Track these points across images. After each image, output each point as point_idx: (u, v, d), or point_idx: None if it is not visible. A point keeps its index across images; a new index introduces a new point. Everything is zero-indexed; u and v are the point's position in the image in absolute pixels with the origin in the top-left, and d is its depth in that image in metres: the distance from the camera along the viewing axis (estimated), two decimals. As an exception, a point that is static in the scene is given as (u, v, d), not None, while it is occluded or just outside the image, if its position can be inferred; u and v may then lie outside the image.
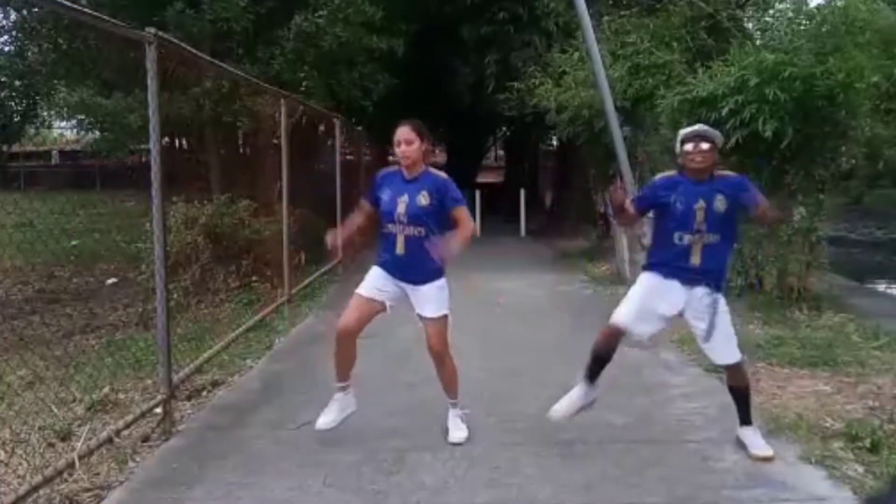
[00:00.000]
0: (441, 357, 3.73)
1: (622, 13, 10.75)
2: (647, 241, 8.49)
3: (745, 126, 6.02)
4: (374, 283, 3.68)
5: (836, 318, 6.05)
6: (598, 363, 3.56)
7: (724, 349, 3.49)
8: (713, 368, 4.94)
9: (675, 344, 5.55)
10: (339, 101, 10.52)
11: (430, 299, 3.66)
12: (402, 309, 3.75)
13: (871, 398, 4.24)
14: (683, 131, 3.55)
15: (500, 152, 34.66)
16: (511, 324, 6.60)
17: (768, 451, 3.46)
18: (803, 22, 7.77)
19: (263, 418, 4.20)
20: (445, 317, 3.69)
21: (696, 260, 3.41)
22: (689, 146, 3.42)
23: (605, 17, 10.65)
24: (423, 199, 3.60)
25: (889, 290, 9.64)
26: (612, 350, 3.53)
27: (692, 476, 3.33)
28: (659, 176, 3.66)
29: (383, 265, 3.70)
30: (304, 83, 9.51)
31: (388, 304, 3.67)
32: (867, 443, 3.52)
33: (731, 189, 3.43)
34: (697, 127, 3.53)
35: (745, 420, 3.60)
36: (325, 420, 3.72)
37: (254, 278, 8.00)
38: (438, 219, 3.63)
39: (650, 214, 3.70)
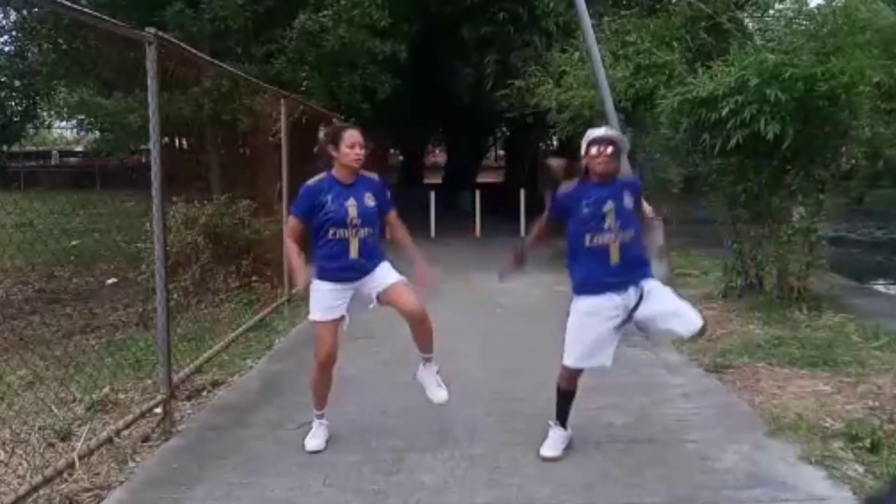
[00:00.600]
0: (423, 314, 3.67)
1: (622, 14, 10.76)
2: (646, 240, 8.53)
3: (745, 126, 6.02)
4: (327, 303, 3.62)
5: (836, 318, 6.04)
6: (566, 401, 3.61)
7: (687, 317, 3.45)
8: (713, 368, 4.96)
9: (675, 344, 5.55)
10: (338, 102, 10.52)
11: (384, 271, 3.68)
12: (397, 313, 3.74)
13: (871, 398, 4.23)
14: (590, 133, 3.55)
15: (500, 152, 34.68)
16: (511, 324, 6.60)
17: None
18: (803, 22, 7.77)
19: (263, 418, 4.20)
20: (405, 280, 3.70)
21: (615, 258, 3.41)
22: (594, 149, 3.44)
23: (606, 18, 10.66)
24: (370, 201, 3.64)
25: (889, 290, 9.64)
26: (575, 388, 3.59)
27: (692, 476, 3.33)
28: (559, 191, 3.63)
29: (331, 276, 3.62)
30: (304, 83, 9.51)
31: (344, 314, 3.66)
32: (867, 443, 3.52)
33: (632, 185, 3.54)
34: (603, 130, 3.58)
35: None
36: (316, 443, 3.71)
37: (254, 278, 8.00)
38: (379, 219, 3.71)
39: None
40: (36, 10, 10.41)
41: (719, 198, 7.07)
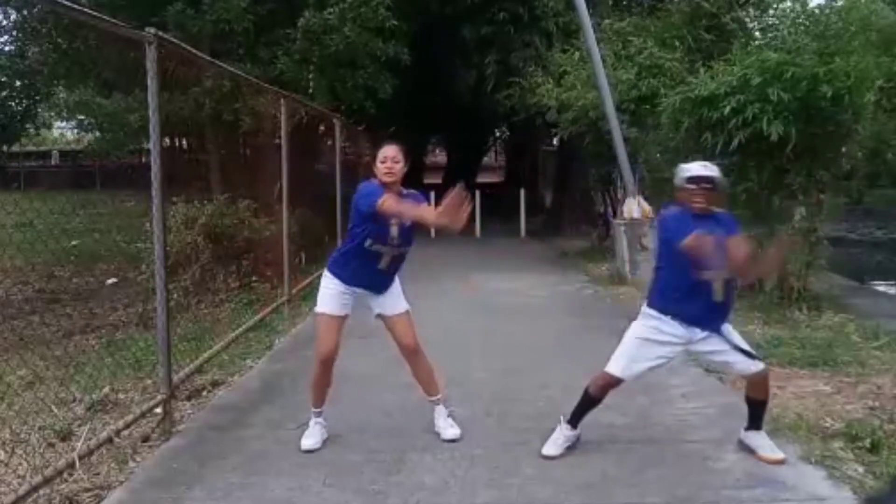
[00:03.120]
0: (417, 353, 3.74)
1: (623, 16, 10.77)
2: (647, 241, 8.54)
3: (747, 126, 6.01)
4: (338, 299, 3.64)
5: (836, 318, 6.04)
6: (590, 406, 3.57)
7: (746, 360, 3.42)
8: (713, 368, 4.95)
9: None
10: (340, 102, 10.53)
11: (392, 296, 3.70)
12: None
13: (871, 398, 4.23)
14: (687, 168, 3.42)
15: (501, 152, 34.69)
16: (511, 324, 6.60)
17: (779, 455, 3.43)
18: (805, 22, 7.77)
19: (263, 418, 4.20)
20: (409, 311, 3.74)
21: (719, 297, 3.31)
22: (693, 186, 3.32)
23: (607, 20, 10.67)
24: (408, 221, 3.57)
25: (889, 290, 9.64)
26: (604, 397, 3.56)
27: (692, 476, 3.33)
28: (669, 213, 3.49)
29: (345, 277, 3.63)
30: (310, 83, 9.52)
31: (349, 314, 3.69)
32: (867, 443, 3.52)
33: (729, 223, 3.38)
34: (701, 167, 3.40)
35: (756, 426, 3.55)
36: (311, 443, 3.70)
37: (254, 278, 8.01)
38: (414, 234, 3.68)
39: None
40: (36, 10, 10.41)
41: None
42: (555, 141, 15.72)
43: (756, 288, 6.75)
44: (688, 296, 3.33)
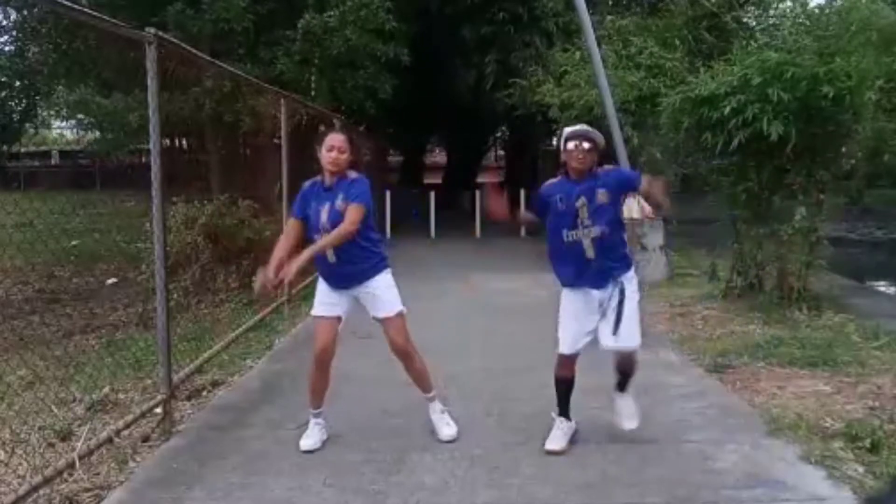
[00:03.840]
0: (407, 353, 3.73)
1: (623, 16, 10.77)
2: (646, 241, 8.54)
3: (747, 126, 6.01)
4: (326, 298, 3.68)
5: (836, 318, 6.04)
6: (565, 388, 3.68)
7: (628, 334, 3.51)
8: (713, 368, 4.96)
9: (675, 344, 5.55)
10: (341, 102, 10.54)
11: (381, 298, 3.66)
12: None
13: (871, 398, 4.23)
14: (567, 130, 3.62)
15: (501, 152, 34.67)
16: (511, 324, 6.60)
17: (634, 422, 3.64)
18: (806, 21, 7.76)
19: (263, 418, 4.20)
20: (402, 313, 3.70)
21: (590, 254, 3.47)
22: (571, 145, 3.48)
23: (609, 17, 10.67)
24: (342, 204, 3.54)
25: (889, 290, 9.64)
26: (572, 375, 3.66)
27: (692, 476, 3.33)
28: (544, 184, 3.69)
29: (322, 276, 3.71)
30: (311, 84, 9.52)
31: (343, 316, 3.67)
32: (867, 443, 3.52)
33: (611, 178, 3.54)
34: (580, 127, 3.63)
35: (623, 388, 3.72)
36: (311, 443, 3.70)
37: (254, 278, 7.99)
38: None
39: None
40: (36, 10, 10.41)
41: (720, 198, 7.06)
42: (555, 141, 15.72)
43: (756, 288, 6.75)
44: (563, 260, 3.55)
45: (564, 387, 3.68)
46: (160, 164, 3.94)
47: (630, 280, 3.56)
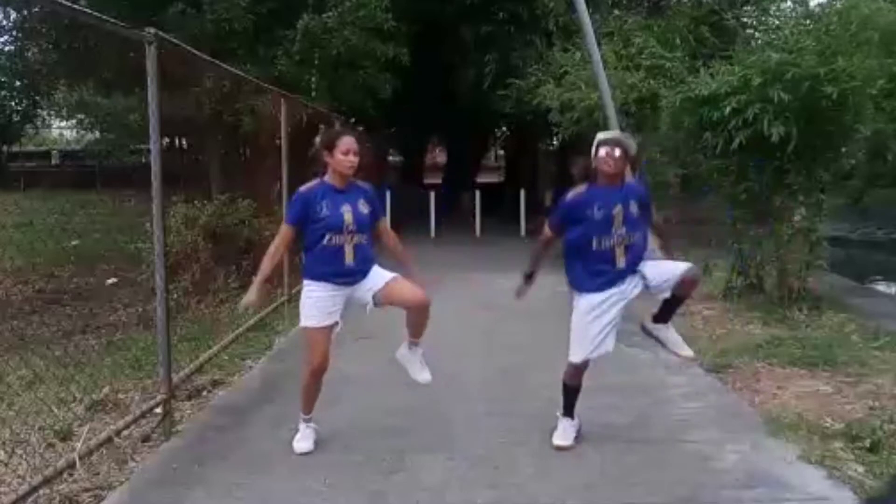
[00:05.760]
0: (427, 302, 3.61)
1: (624, 17, 10.77)
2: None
3: (747, 126, 6.00)
4: (323, 308, 3.56)
5: (836, 318, 6.04)
6: (573, 395, 3.68)
7: (672, 269, 3.51)
8: (713, 368, 4.96)
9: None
10: (341, 103, 10.54)
11: (375, 275, 3.63)
12: (401, 313, 3.73)
13: (871, 398, 4.23)
14: (600, 135, 3.64)
15: (500, 152, 34.66)
16: (511, 324, 6.59)
17: (688, 351, 3.65)
18: (805, 21, 7.76)
19: (264, 418, 4.20)
20: (398, 276, 3.67)
21: (620, 263, 3.48)
22: (603, 151, 3.48)
23: (610, 15, 10.67)
24: (364, 208, 3.61)
25: (889, 290, 9.63)
26: (581, 383, 3.66)
27: (692, 476, 3.33)
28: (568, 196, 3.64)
29: (326, 279, 3.57)
30: (312, 84, 9.53)
31: (339, 321, 3.62)
32: (867, 443, 3.52)
33: (639, 192, 3.60)
34: (612, 133, 3.65)
35: (665, 319, 3.70)
36: (305, 446, 3.69)
37: (254, 278, 7.99)
38: (371, 226, 3.69)
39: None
40: (36, 10, 10.41)
41: (720, 198, 7.06)
42: (555, 141, 15.73)
43: (756, 288, 6.75)
44: (587, 267, 3.53)
45: (574, 393, 3.67)
46: (160, 164, 3.94)
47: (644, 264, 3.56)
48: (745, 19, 11.56)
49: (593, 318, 3.52)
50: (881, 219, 15.60)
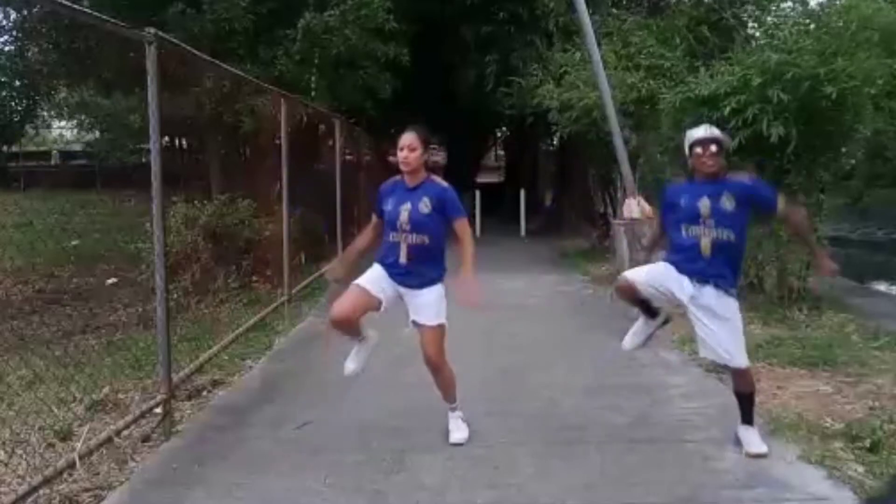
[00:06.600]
0: (438, 365, 3.70)
1: (623, 17, 10.75)
2: (646, 241, 8.52)
3: (747, 126, 6.00)
4: (377, 280, 3.61)
5: (836, 318, 6.04)
6: (628, 299, 3.69)
7: (727, 350, 3.51)
8: (713, 368, 4.95)
9: (675, 344, 5.55)
10: (340, 102, 10.54)
11: (429, 306, 3.63)
12: (401, 311, 3.74)
13: (871, 398, 4.23)
14: (693, 134, 3.58)
15: (500, 152, 34.66)
16: (511, 324, 6.60)
17: (763, 448, 3.49)
18: (805, 21, 7.75)
19: (264, 418, 4.20)
20: (442, 326, 3.67)
21: (706, 253, 3.47)
22: (699, 149, 3.49)
23: (609, 16, 10.66)
24: (425, 207, 3.58)
25: (889, 291, 9.63)
26: (631, 293, 3.62)
27: (692, 476, 3.33)
28: (673, 184, 3.78)
29: (386, 267, 3.65)
30: (312, 84, 9.52)
31: (384, 304, 3.61)
32: (867, 443, 3.52)
33: (741, 188, 3.50)
34: (705, 130, 3.58)
35: (747, 420, 3.61)
36: (354, 367, 3.70)
37: (254, 278, 8.00)
38: (439, 227, 3.64)
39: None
40: (36, 10, 10.40)
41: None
42: (555, 141, 15.73)
43: (756, 288, 6.75)
44: (677, 251, 3.58)
45: (627, 296, 3.66)
46: (160, 164, 3.94)
47: (730, 300, 3.53)
48: (744, 17, 11.53)
49: (663, 271, 3.56)
50: (881, 219, 15.61)
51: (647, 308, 3.70)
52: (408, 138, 3.60)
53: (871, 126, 6.70)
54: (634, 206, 7.99)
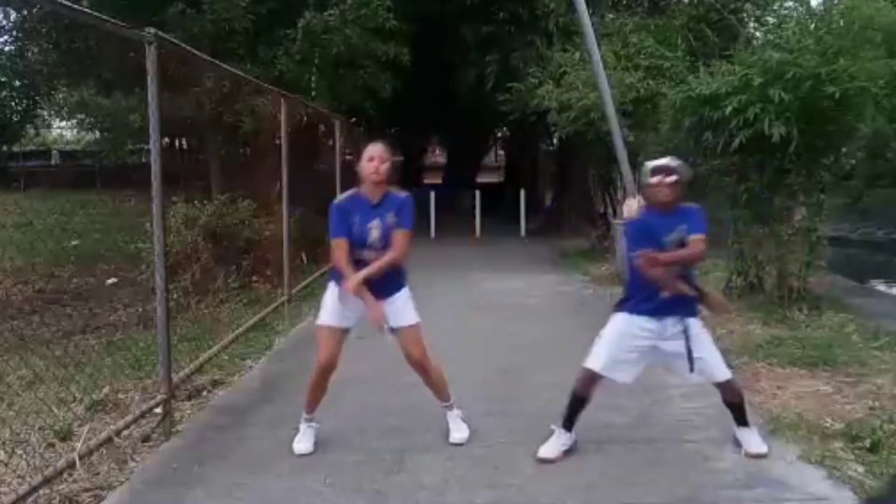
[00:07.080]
0: (424, 364, 3.71)
1: (623, 17, 10.76)
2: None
3: (748, 126, 6.00)
4: (338, 311, 3.59)
5: (836, 318, 6.03)
6: (578, 406, 3.59)
7: (713, 369, 3.50)
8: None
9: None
10: (340, 102, 10.55)
11: (403, 308, 3.63)
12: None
13: (871, 398, 4.23)
14: (649, 164, 3.53)
15: (500, 152, 34.67)
16: (511, 324, 6.60)
17: (763, 448, 3.49)
18: (808, 20, 7.74)
19: (264, 418, 4.20)
20: (419, 324, 3.67)
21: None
22: (654, 179, 3.42)
23: (610, 16, 10.67)
24: (391, 220, 3.52)
25: (889, 290, 9.63)
26: (590, 395, 3.58)
27: (692, 476, 3.33)
28: (632, 222, 3.64)
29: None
30: (312, 84, 9.53)
31: (351, 329, 3.64)
32: (867, 443, 3.52)
33: (694, 220, 3.44)
34: (663, 160, 3.52)
35: (742, 423, 3.62)
36: (305, 447, 3.68)
37: (254, 278, 8.00)
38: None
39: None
40: (36, 10, 10.41)
41: (720, 198, 7.05)
42: (555, 141, 15.73)
43: (756, 288, 6.75)
44: (643, 284, 3.44)
45: (580, 405, 3.59)
46: (160, 164, 3.94)
47: (694, 323, 3.47)
48: (743, 15, 11.53)
49: (619, 336, 3.50)
50: (881, 219, 15.59)
51: (576, 415, 3.60)
52: (378, 149, 3.52)
53: (872, 126, 6.69)
54: (634, 206, 7.99)
